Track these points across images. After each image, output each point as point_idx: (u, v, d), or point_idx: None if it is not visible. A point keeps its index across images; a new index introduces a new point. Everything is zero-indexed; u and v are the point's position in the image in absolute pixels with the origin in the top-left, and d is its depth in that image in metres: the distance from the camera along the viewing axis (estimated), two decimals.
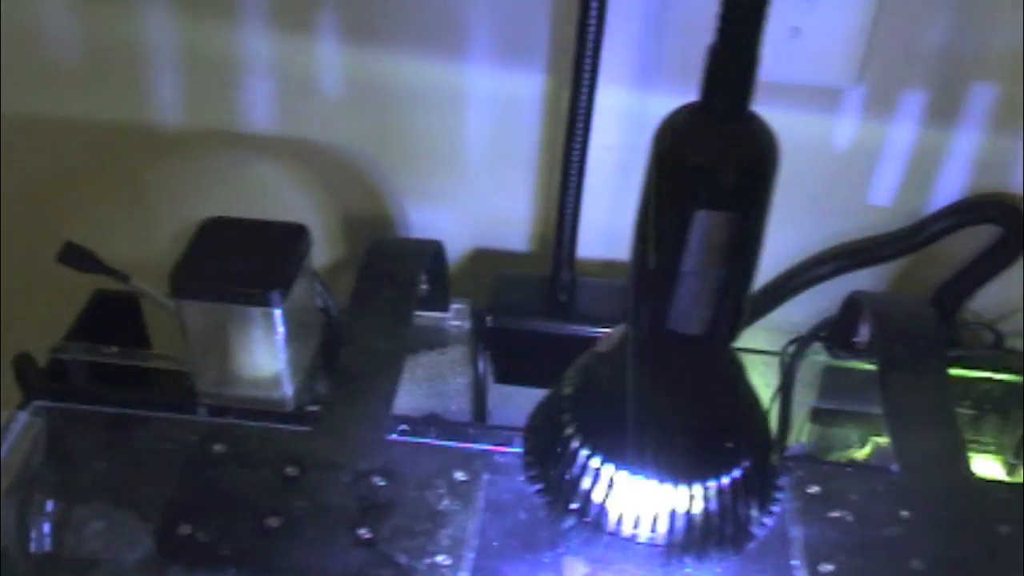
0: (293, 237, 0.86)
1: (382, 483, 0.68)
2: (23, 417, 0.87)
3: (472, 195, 1.02)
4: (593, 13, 0.76)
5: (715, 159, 0.48)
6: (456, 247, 1.05)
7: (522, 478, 0.66)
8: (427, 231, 1.04)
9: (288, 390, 0.88)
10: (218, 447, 0.75)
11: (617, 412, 0.57)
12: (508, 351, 0.95)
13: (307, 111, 0.99)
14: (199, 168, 1.04)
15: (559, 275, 0.94)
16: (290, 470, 0.70)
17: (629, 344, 0.55)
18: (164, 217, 1.08)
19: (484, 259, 1.06)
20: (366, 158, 1.01)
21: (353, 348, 0.76)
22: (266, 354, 0.85)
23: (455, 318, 0.96)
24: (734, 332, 0.53)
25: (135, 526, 0.85)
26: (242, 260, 0.84)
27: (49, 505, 0.87)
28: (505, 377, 0.96)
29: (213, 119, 1.01)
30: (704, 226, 0.48)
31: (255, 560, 0.63)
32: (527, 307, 0.95)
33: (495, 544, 0.65)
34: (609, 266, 1.03)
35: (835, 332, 0.90)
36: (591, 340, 0.95)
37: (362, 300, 0.80)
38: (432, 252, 0.87)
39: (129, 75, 0.98)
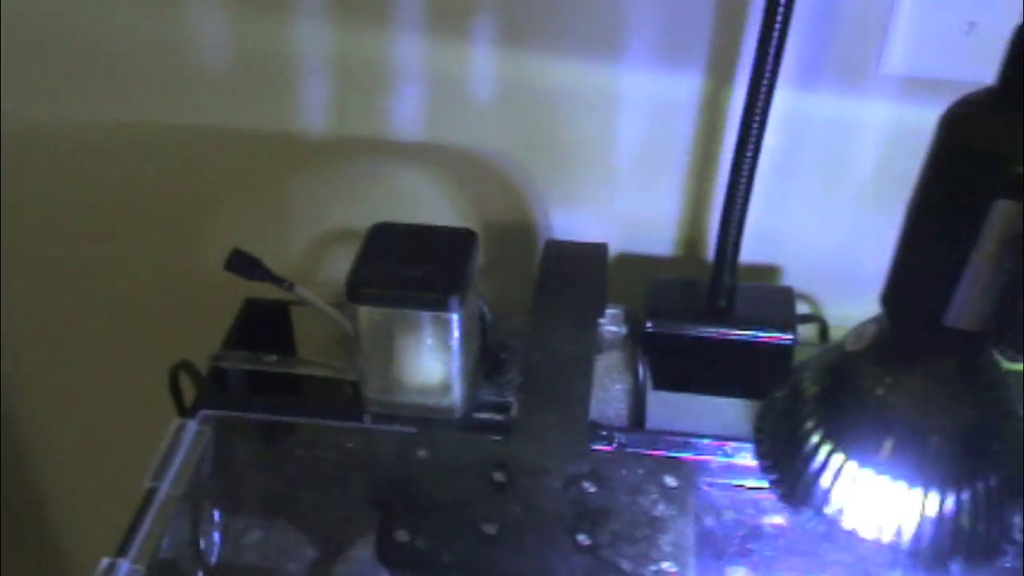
0: (463, 242, 0.86)
1: (592, 489, 0.67)
2: (192, 426, 0.87)
3: (619, 198, 1.01)
4: (779, 17, 0.75)
5: (1017, 145, 0.46)
6: None
7: (731, 483, 0.65)
8: (569, 236, 1.03)
9: (457, 397, 0.87)
10: (422, 453, 0.74)
11: (870, 411, 0.55)
12: (667, 356, 0.94)
13: (455, 116, 0.98)
14: (342, 175, 1.03)
15: (719, 279, 0.93)
16: (498, 476, 0.69)
17: (888, 340, 0.54)
18: (305, 224, 1.07)
19: (628, 264, 1.04)
20: (513, 162, 1.00)
21: (541, 353, 0.75)
22: (438, 360, 0.84)
23: (610, 323, 0.95)
24: (1012, 329, 0.51)
25: (300, 537, 0.84)
26: (415, 265, 0.83)
27: (217, 514, 0.87)
28: (663, 383, 0.95)
29: (360, 126, 1.00)
30: (1002, 216, 0.47)
31: (478, 566, 0.62)
32: (686, 312, 0.93)
33: (713, 550, 0.64)
34: (760, 270, 1.02)
35: None
36: (752, 345, 0.94)
37: (546, 304, 0.79)
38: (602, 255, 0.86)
39: (277, 83, 0.98)
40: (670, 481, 0.68)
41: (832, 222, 0.99)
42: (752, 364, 0.91)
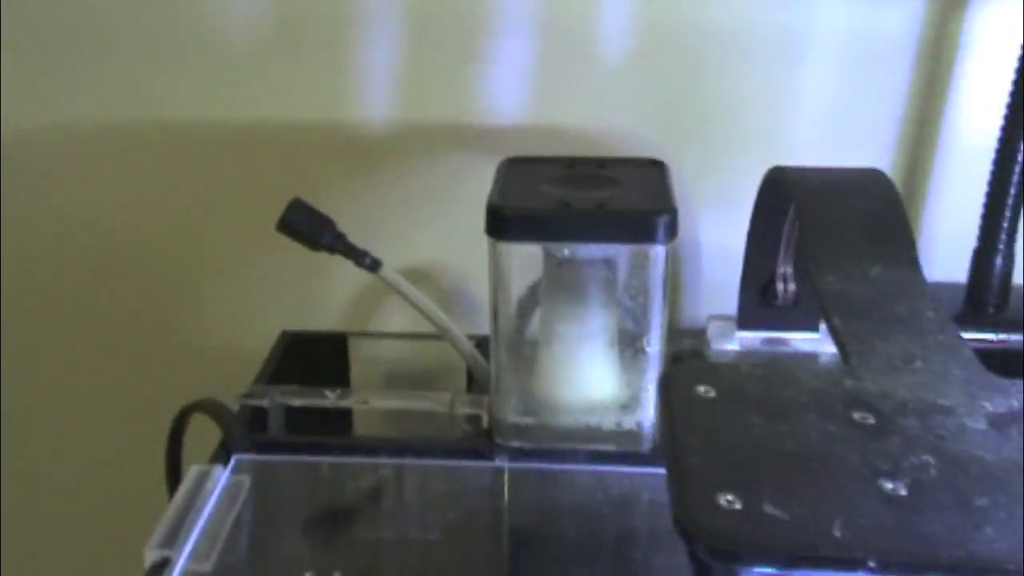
0: (649, 171, 0.57)
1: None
2: (223, 475, 0.53)
3: None
4: None
5: None
6: None
7: None
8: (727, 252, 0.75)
9: (648, 411, 0.55)
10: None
11: None
12: None
13: (573, 83, 0.72)
14: (405, 179, 0.75)
15: (987, 283, 0.65)
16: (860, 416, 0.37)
17: None
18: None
19: None
20: (652, 146, 0.73)
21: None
22: (617, 365, 0.54)
23: None
24: None
25: None
26: (587, 191, 0.54)
27: None
28: None
29: (435, 106, 0.73)
30: None
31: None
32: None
33: None
34: None
35: None
36: None
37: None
38: None
39: (327, 47, 0.71)
40: None
41: None
42: None
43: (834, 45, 0.70)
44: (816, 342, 0.66)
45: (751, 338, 0.66)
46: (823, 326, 0.66)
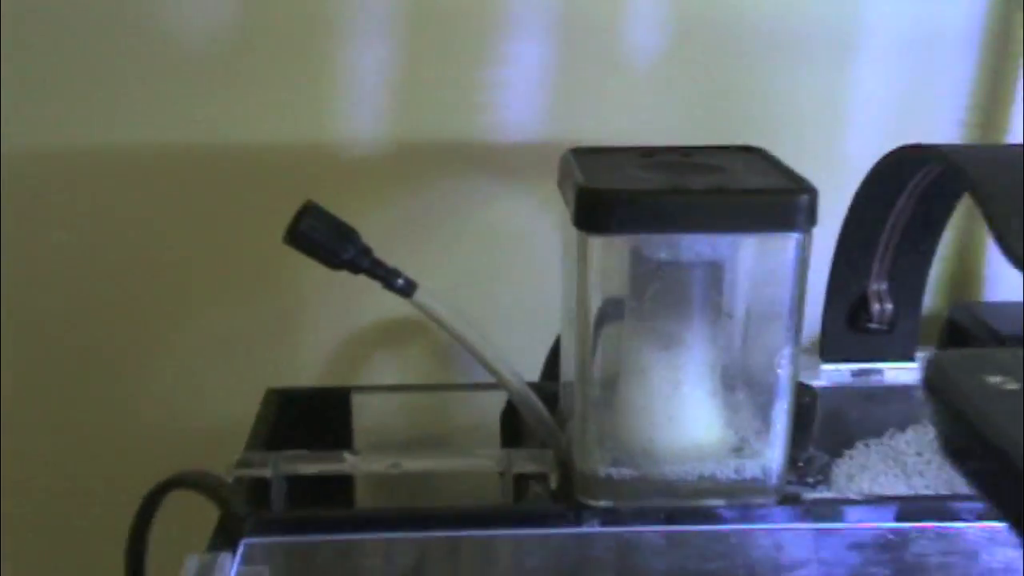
0: (752, 156, 0.47)
1: None
2: (234, 566, 0.39)
3: None
4: None
5: None
6: None
7: None
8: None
9: (779, 452, 0.44)
10: None
11: None
12: None
13: (597, 94, 0.62)
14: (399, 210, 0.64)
15: None
16: None
17: None
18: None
19: None
20: None
21: None
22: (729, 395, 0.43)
23: None
24: None
25: None
26: (689, 176, 0.43)
27: None
28: None
29: (434, 125, 0.62)
30: None
31: None
32: None
33: None
34: None
35: None
36: None
37: None
38: None
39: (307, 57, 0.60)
40: None
41: None
42: None
43: (891, 39, 0.62)
44: (915, 372, 0.56)
45: (838, 371, 0.56)
46: (921, 354, 0.57)
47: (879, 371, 0.56)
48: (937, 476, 0.52)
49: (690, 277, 0.43)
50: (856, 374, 0.56)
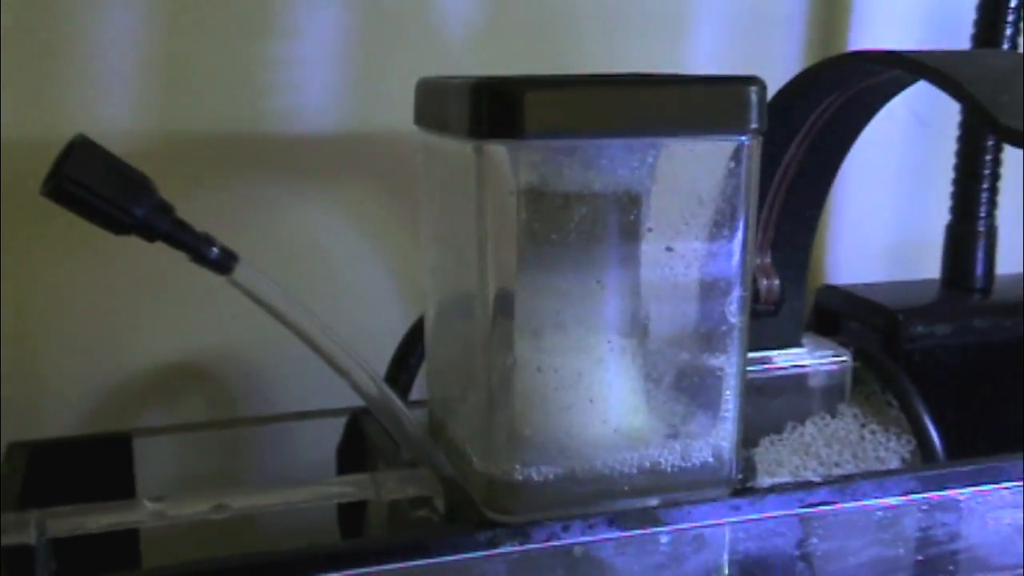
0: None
1: None
2: None
3: None
4: None
5: None
6: None
7: None
8: None
9: (730, 433, 0.35)
10: None
11: None
12: None
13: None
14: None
15: None
16: None
17: None
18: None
19: None
20: None
21: None
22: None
23: None
24: None
25: None
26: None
27: None
28: None
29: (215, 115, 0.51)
30: None
31: None
32: None
33: None
34: None
35: None
36: None
37: None
38: None
39: None
40: None
41: None
42: None
43: (723, 14, 0.57)
44: (802, 356, 0.49)
45: None
46: (808, 338, 0.50)
47: (767, 359, 0.48)
48: (857, 466, 0.45)
49: (605, 212, 0.34)
50: None
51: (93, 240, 0.48)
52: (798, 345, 0.49)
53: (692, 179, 0.33)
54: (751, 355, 0.48)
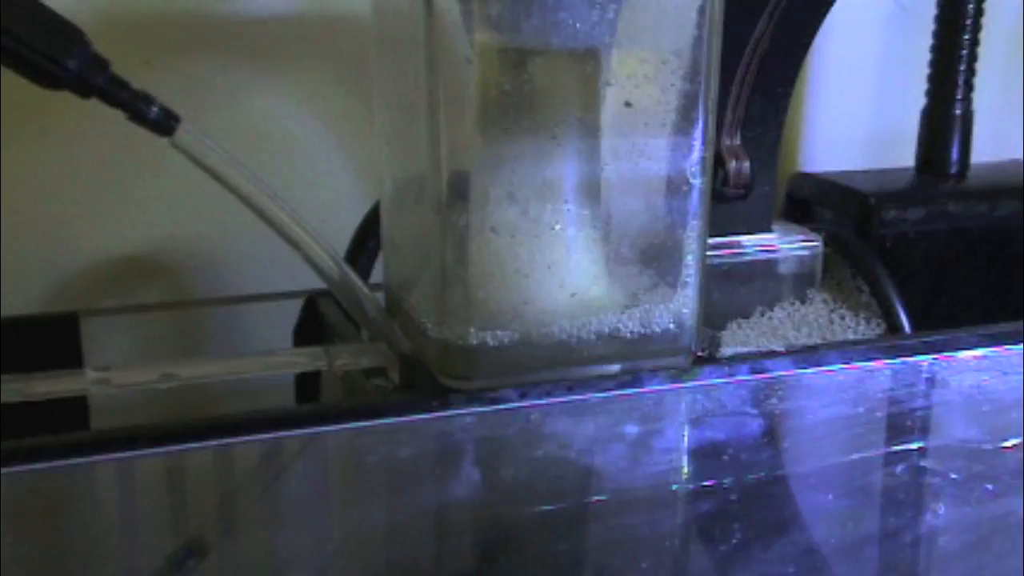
0: None
1: None
2: None
3: None
4: None
5: None
6: None
7: None
8: None
9: (691, 297, 0.34)
10: None
11: None
12: None
13: None
14: None
15: None
16: None
17: None
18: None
19: None
20: None
21: None
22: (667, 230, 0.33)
23: None
24: None
25: None
26: None
27: None
28: None
29: None
30: None
31: None
32: None
33: None
34: None
35: None
36: None
37: None
38: None
39: None
40: None
41: None
42: None
43: None
44: (772, 241, 0.48)
45: None
46: (779, 224, 0.49)
47: (736, 243, 0.47)
48: None
49: (563, 69, 0.32)
50: (712, 248, 0.47)
51: (49, 127, 0.46)
52: (768, 230, 0.48)
53: (654, 33, 0.32)
54: (720, 240, 0.47)
